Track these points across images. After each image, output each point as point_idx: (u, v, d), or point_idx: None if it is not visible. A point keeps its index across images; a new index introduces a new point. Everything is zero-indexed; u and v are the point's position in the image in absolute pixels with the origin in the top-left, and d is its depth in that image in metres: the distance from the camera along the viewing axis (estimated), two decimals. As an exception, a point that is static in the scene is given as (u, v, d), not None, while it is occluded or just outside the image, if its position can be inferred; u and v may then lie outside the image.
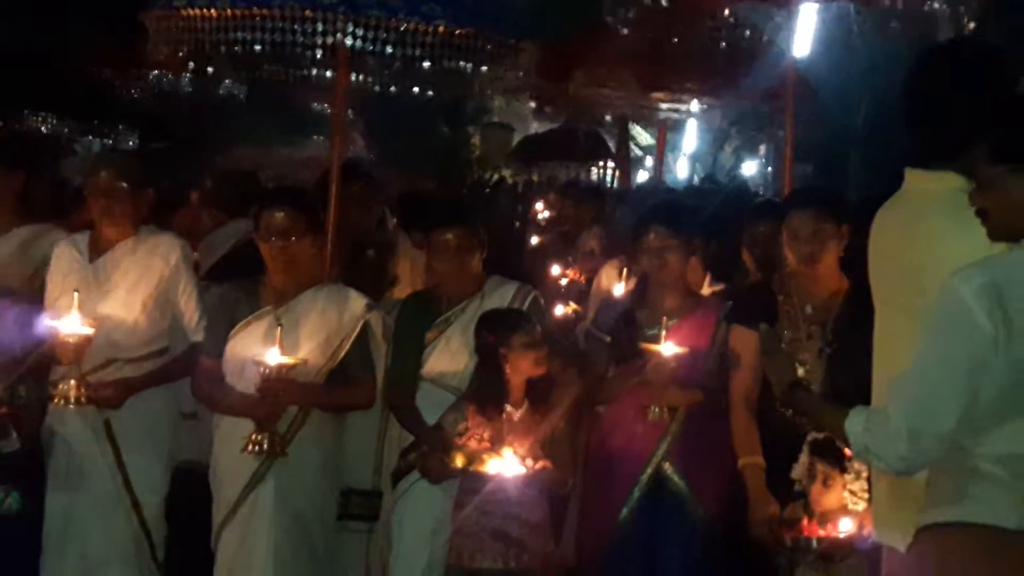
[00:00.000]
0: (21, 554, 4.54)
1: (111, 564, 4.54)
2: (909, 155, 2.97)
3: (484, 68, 5.04)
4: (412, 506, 4.42)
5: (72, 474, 4.56)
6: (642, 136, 20.08)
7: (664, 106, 9.91)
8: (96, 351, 4.37)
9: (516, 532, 4.12)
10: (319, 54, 4.96)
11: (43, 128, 14.52)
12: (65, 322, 4.24)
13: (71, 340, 4.23)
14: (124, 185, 4.55)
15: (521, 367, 4.20)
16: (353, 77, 5.31)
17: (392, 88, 5.79)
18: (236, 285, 4.50)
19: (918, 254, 2.83)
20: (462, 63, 4.95)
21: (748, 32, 8.70)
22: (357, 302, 4.40)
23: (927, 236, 2.83)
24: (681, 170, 20.28)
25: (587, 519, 4.60)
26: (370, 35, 4.54)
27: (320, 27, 4.52)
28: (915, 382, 2.56)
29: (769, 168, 18.88)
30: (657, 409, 4.30)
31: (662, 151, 12.12)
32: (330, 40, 4.59)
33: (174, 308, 4.64)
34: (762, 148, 19.42)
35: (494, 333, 4.22)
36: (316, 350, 4.27)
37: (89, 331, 4.26)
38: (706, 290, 5.30)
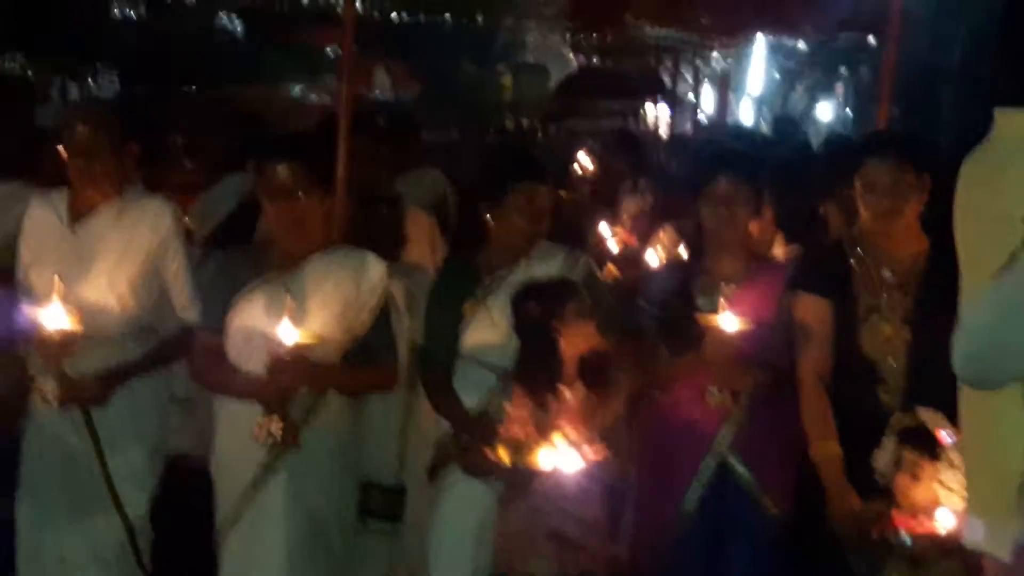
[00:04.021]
0: (-6, 561, 4.58)
1: (89, 569, 4.56)
2: (1002, 93, 2.95)
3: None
4: (453, 504, 4.43)
5: (47, 470, 4.59)
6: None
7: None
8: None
9: (573, 532, 4.09)
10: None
11: (10, 68, 14.47)
12: (48, 314, 4.21)
13: (56, 336, 4.22)
14: (104, 141, 4.52)
15: (577, 340, 4.18)
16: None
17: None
18: (237, 250, 4.53)
19: (1005, 206, 2.81)
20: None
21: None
22: (376, 268, 4.37)
23: (1017, 185, 2.82)
24: (745, 114, 20.14)
25: (642, 515, 4.62)
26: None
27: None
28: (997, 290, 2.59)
29: (847, 110, 18.74)
30: (718, 393, 4.32)
31: (726, 92, 11.90)
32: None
33: (162, 283, 4.65)
34: (839, 87, 19.27)
35: (542, 305, 4.20)
36: (331, 323, 4.25)
37: (75, 327, 4.23)
38: (777, 251, 5.29)
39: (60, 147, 4.57)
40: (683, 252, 5.51)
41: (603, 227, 7.20)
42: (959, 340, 2.64)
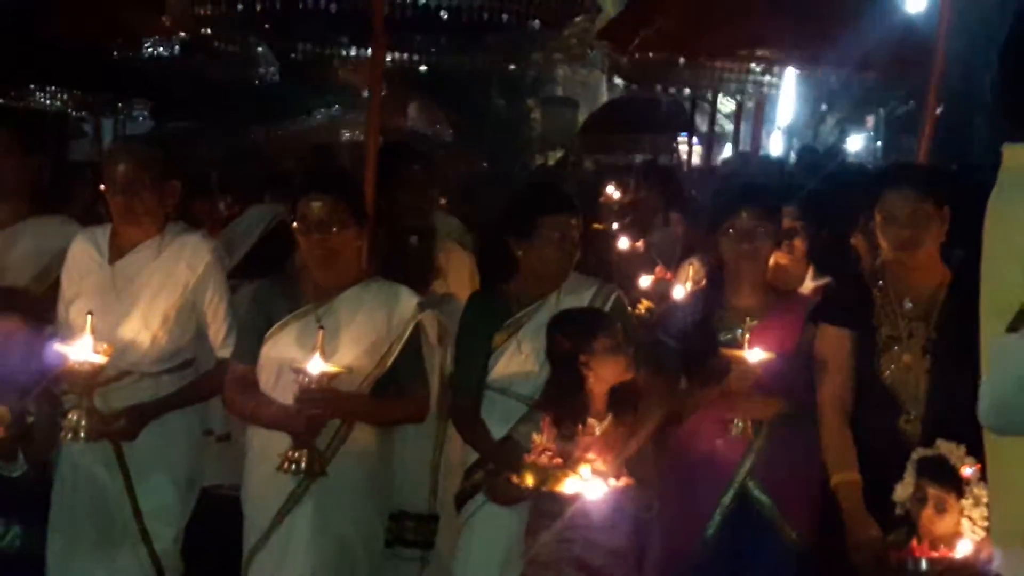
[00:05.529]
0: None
1: None
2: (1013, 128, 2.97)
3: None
4: (479, 533, 4.46)
5: (77, 504, 4.62)
6: (723, 104, 19.93)
7: (757, 69, 9.69)
8: (110, 363, 4.34)
9: (599, 561, 4.11)
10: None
11: (47, 103, 14.54)
12: (77, 347, 4.23)
13: (82, 368, 4.23)
14: (146, 178, 4.54)
15: (606, 374, 4.20)
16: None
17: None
18: (272, 281, 4.60)
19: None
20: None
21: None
22: (408, 301, 4.43)
23: (995, 216, 2.83)
24: (775, 146, 20.14)
25: (665, 545, 4.59)
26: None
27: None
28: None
29: (879, 143, 18.75)
30: (740, 423, 4.36)
31: (759, 128, 11.91)
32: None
33: (200, 319, 4.67)
34: (870, 120, 19.28)
35: (571, 338, 4.22)
36: (362, 355, 4.31)
37: (102, 360, 4.25)
38: (808, 284, 5.32)
39: (102, 183, 4.61)
40: (688, 286, 5.58)
41: (633, 259, 7.25)
42: (983, 390, 2.67)
